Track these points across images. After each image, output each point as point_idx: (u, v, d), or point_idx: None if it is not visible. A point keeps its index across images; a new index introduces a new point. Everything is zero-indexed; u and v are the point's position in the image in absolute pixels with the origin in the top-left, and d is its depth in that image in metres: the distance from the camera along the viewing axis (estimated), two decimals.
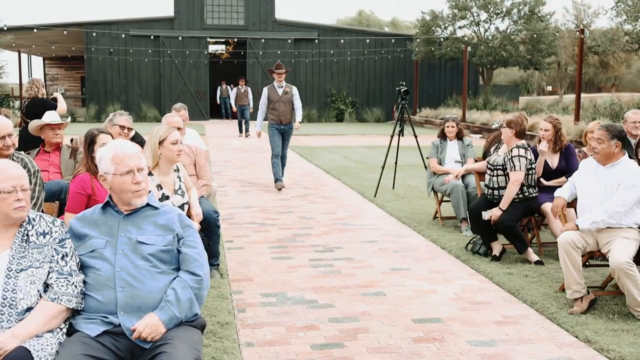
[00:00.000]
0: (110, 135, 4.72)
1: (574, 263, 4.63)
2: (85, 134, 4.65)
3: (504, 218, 5.89)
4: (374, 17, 65.96)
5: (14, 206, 2.81)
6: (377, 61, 32.14)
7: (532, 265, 5.89)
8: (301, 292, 5.17)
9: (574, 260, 4.63)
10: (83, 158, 4.53)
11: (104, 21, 30.48)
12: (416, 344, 4.13)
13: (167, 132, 4.54)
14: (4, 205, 2.80)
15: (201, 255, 3.07)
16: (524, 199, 6.03)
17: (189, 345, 2.78)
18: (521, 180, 5.96)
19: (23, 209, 2.85)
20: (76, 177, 4.29)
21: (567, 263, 4.65)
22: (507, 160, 6.03)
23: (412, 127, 10.10)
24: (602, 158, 4.83)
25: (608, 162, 4.83)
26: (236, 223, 7.77)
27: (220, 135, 22.16)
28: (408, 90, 9.87)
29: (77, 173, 4.38)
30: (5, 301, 2.73)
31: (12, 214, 2.82)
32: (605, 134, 4.79)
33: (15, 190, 2.81)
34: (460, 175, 7.31)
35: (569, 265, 4.64)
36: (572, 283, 4.63)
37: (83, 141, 4.60)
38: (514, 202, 5.98)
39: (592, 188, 4.86)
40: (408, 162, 13.63)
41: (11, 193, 2.81)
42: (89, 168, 4.34)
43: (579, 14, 36.20)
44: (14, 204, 2.81)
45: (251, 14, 30.84)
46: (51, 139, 5.51)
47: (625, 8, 20.46)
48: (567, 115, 21.72)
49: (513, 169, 5.96)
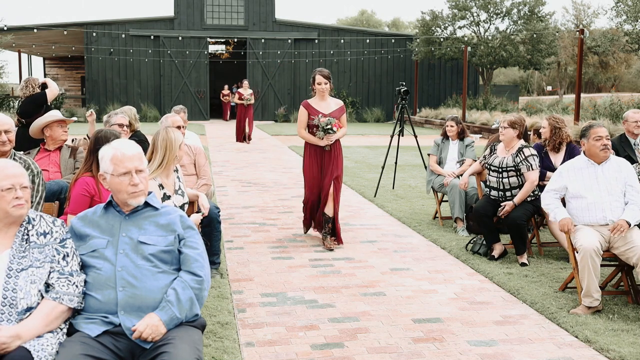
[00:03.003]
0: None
1: (596, 270, 4.58)
2: (106, 132, 4.34)
3: (516, 215, 5.90)
4: (374, 17, 65.99)
5: (13, 203, 2.82)
6: (377, 61, 32.15)
7: (532, 265, 5.90)
8: (301, 292, 5.17)
9: (596, 268, 4.58)
10: (86, 159, 4.32)
11: (104, 21, 30.49)
12: (416, 344, 4.13)
13: (180, 137, 4.54)
14: (3, 203, 2.81)
15: (202, 256, 3.08)
16: (534, 198, 6.08)
17: (190, 345, 2.78)
18: (537, 179, 6.01)
19: (22, 207, 2.85)
20: (79, 179, 4.21)
21: (591, 271, 4.56)
22: (520, 160, 6.04)
23: (412, 127, 10.10)
24: (607, 156, 4.92)
25: (604, 161, 4.94)
26: (236, 223, 7.77)
27: (220, 135, 22.15)
28: (408, 90, 9.88)
29: (79, 175, 4.27)
30: (5, 300, 2.73)
31: (11, 212, 2.82)
32: (605, 132, 4.90)
33: (14, 188, 2.83)
34: (458, 175, 7.34)
35: (592, 273, 4.56)
36: (594, 291, 4.58)
37: (101, 139, 4.22)
38: (525, 201, 6.01)
39: (594, 188, 4.89)
40: (408, 162, 13.64)
41: (10, 190, 2.82)
42: (92, 170, 4.24)
43: (578, 14, 36.23)
44: (13, 201, 2.82)
45: (251, 14, 30.84)
46: (60, 135, 5.48)
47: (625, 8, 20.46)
48: (567, 115, 21.72)
49: (530, 168, 6.01)
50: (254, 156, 15.59)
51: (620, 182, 4.87)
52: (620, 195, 4.84)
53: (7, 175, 2.84)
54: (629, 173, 4.90)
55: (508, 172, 6.12)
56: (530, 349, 4.07)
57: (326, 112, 6.62)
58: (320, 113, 6.58)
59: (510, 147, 6.17)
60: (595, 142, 4.89)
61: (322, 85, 6.63)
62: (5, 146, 4.37)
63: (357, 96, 32.10)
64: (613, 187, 4.86)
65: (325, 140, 6.56)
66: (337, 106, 6.73)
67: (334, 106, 6.72)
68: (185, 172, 5.63)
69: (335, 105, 6.73)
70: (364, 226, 7.67)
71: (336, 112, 6.66)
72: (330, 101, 6.75)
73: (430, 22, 30.33)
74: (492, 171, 6.23)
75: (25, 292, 2.77)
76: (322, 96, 6.67)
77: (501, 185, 6.15)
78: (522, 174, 6.08)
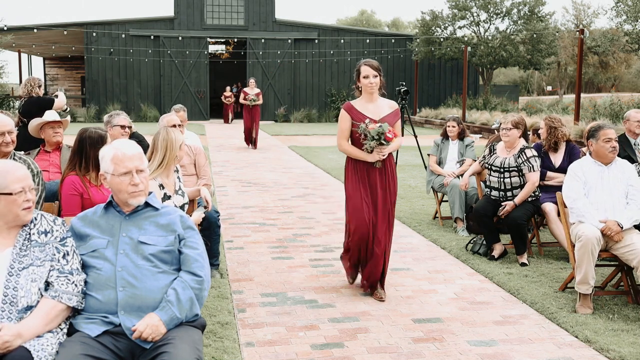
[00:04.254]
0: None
1: (594, 258, 4.66)
2: (91, 132, 4.32)
3: (517, 215, 5.92)
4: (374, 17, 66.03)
5: (24, 207, 2.84)
6: (377, 61, 32.14)
7: (532, 265, 5.91)
8: (301, 292, 5.17)
9: (594, 256, 4.65)
10: (71, 159, 4.25)
11: (104, 21, 30.49)
12: (416, 344, 4.13)
13: (180, 137, 4.54)
14: (15, 207, 2.83)
15: (202, 257, 3.08)
16: (534, 198, 6.09)
17: (190, 345, 2.78)
18: (538, 180, 6.02)
19: (31, 210, 2.88)
20: (65, 180, 4.18)
21: (590, 259, 4.63)
22: (522, 161, 6.05)
23: (412, 127, 10.11)
24: (614, 157, 4.97)
25: (611, 161, 4.97)
26: (236, 223, 7.77)
27: (220, 135, 22.16)
28: (408, 90, 9.90)
29: (65, 176, 4.23)
30: (6, 298, 2.74)
31: (22, 215, 2.85)
32: (614, 134, 4.92)
33: (24, 191, 2.85)
34: (458, 175, 7.35)
35: (590, 261, 4.64)
36: (590, 278, 4.67)
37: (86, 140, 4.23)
38: (525, 201, 6.03)
39: (598, 188, 4.92)
40: (408, 162, 13.64)
41: (20, 193, 2.84)
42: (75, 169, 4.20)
43: (578, 14, 36.25)
44: (24, 204, 2.84)
45: (251, 14, 30.84)
46: (51, 137, 5.50)
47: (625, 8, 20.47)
48: (567, 115, 21.73)
49: (532, 169, 6.02)
50: (254, 156, 15.59)
51: (623, 183, 4.93)
52: (622, 196, 4.88)
53: (18, 178, 2.85)
54: (631, 174, 4.96)
55: (510, 172, 6.12)
56: (530, 349, 4.07)
57: (376, 117, 4.94)
58: (367, 118, 4.92)
59: (513, 147, 6.18)
60: (605, 144, 4.91)
61: (369, 80, 4.93)
62: (8, 147, 4.38)
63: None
64: (616, 188, 4.91)
65: (375, 154, 4.87)
66: (391, 109, 5.04)
67: (387, 109, 5.02)
68: (185, 172, 5.63)
69: (388, 108, 5.03)
70: None
71: (390, 117, 4.97)
72: (382, 102, 5.07)
73: (430, 22, 30.33)
74: (494, 171, 6.23)
75: (26, 291, 2.78)
76: (370, 95, 5.00)
77: (503, 185, 6.15)
78: (524, 174, 6.09)
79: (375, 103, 5.02)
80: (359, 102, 5.07)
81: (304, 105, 31.25)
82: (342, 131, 5.02)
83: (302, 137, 21.52)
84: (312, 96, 31.53)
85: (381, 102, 5.07)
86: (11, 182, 2.83)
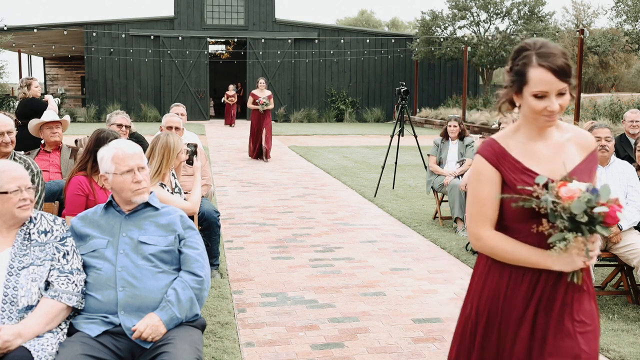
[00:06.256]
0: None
1: None
2: (107, 133, 4.29)
3: None
4: (374, 17, 66.02)
5: (19, 205, 2.85)
6: (377, 61, 32.13)
7: None
8: (301, 292, 5.17)
9: None
10: (83, 157, 4.26)
11: (104, 21, 30.48)
12: (416, 344, 4.14)
13: (180, 143, 4.52)
14: (10, 205, 2.84)
15: (202, 257, 3.08)
16: None
17: (190, 345, 2.78)
18: None
19: (28, 208, 2.89)
20: (72, 179, 4.19)
21: None
22: None
23: (412, 127, 10.10)
24: (609, 157, 4.94)
25: (607, 162, 4.95)
26: (236, 223, 7.77)
27: (220, 135, 22.15)
28: (408, 90, 9.89)
29: (73, 174, 4.24)
30: (6, 298, 2.74)
31: (18, 213, 2.86)
32: (610, 133, 4.93)
33: (20, 190, 2.86)
34: (458, 175, 7.35)
35: None
36: None
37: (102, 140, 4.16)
38: None
39: None
40: (408, 162, 13.64)
41: (16, 192, 2.85)
42: (86, 168, 4.22)
43: (578, 14, 36.26)
44: (19, 202, 2.85)
45: (251, 14, 30.84)
46: (49, 137, 5.50)
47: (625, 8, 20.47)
48: (566, 115, 21.71)
49: None
50: None
51: (622, 184, 4.94)
52: (621, 197, 4.87)
53: (14, 177, 2.87)
54: (630, 175, 4.97)
55: None
56: None
57: (559, 172, 2.20)
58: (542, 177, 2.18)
59: None
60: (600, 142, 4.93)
61: (550, 102, 2.14)
62: (8, 147, 4.39)
63: (357, 96, 32.09)
64: (615, 189, 4.89)
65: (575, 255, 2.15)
66: (584, 150, 2.31)
67: (574, 150, 2.29)
68: (185, 172, 5.63)
69: (578, 148, 2.30)
70: (364, 226, 7.67)
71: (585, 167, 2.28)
72: (559, 136, 2.29)
73: (430, 22, 30.33)
74: None
75: (26, 290, 2.78)
76: (543, 126, 2.23)
77: None
78: None
79: (550, 140, 2.29)
80: (514, 137, 2.29)
81: (304, 105, 31.25)
82: (481, 204, 2.27)
83: (302, 137, 21.51)
84: (312, 96, 31.52)
85: (557, 135, 2.31)
86: (7, 181, 2.84)
